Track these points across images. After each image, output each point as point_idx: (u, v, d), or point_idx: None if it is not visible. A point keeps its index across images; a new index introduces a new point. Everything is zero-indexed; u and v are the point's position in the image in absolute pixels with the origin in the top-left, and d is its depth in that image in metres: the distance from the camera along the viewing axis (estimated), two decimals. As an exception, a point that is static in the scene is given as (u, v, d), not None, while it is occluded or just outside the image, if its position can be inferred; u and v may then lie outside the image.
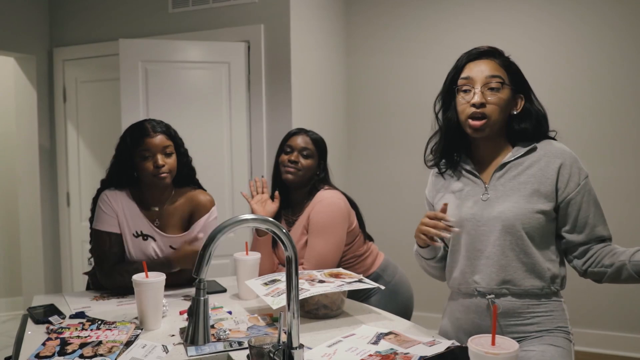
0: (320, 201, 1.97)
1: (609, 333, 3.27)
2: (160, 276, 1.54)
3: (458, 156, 1.50)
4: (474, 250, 1.42)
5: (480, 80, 1.40)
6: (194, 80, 3.12)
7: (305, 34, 3.28)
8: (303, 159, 2.00)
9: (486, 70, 1.41)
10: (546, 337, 1.38)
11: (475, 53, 1.45)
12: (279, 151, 2.07)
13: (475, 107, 1.39)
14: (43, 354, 1.31)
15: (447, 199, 1.49)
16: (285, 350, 1.10)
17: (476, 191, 1.44)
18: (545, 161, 1.40)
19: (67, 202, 3.78)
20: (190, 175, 2.00)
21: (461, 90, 1.44)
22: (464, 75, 1.44)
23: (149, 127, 1.85)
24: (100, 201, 1.88)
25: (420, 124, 3.64)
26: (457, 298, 1.51)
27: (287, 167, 2.00)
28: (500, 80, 1.40)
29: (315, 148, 2.04)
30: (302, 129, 2.08)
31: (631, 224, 3.18)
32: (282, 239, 1.08)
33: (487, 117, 1.39)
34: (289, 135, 2.08)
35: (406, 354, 1.27)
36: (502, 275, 1.39)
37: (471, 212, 1.42)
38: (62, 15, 3.72)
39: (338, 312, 1.61)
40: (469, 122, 1.41)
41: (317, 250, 1.91)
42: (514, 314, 1.39)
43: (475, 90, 1.40)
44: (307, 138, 2.04)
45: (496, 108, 1.39)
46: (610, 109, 3.23)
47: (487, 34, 3.40)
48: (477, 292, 1.42)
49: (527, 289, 1.39)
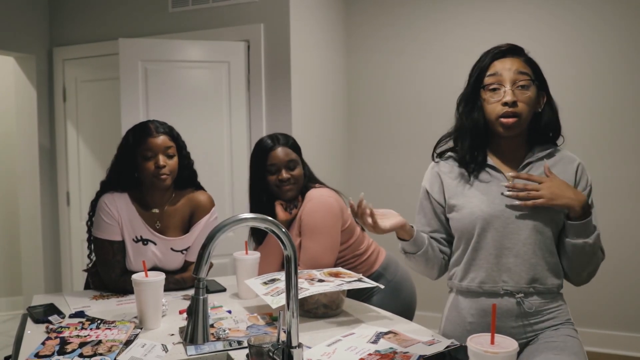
0: (310, 200, 1.93)
1: (608, 332, 3.27)
2: (159, 275, 1.54)
3: (480, 153, 1.49)
4: (503, 249, 1.41)
5: (510, 78, 1.40)
6: (193, 79, 3.12)
7: (305, 34, 3.28)
8: (292, 171, 1.95)
9: (514, 68, 1.40)
10: (561, 329, 1.42)
11: (500, 51, 1.45)
12: (260, 169, 1.96)
13: (507, 105, 1.39)
14: (42, 353, 1.31)
15: (470, 194, 1.47)
16: (284, 350, 1.10)
17: (500, 187, 1.44)
18: (562, 165, 1.44)
19: (67, 201, 3.78)
20: (192, 178, 1.99)
21: (489, 89, 1.43)
22: (490, 73, 1.43)
23: (152, 127, 1.85)
24: (100, 209, 1.86)
25: (421, 123, 3.65)
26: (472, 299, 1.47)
27: (282, 187, 1.94)
28: (529, 77, 1.40)
29: (296, 153, 1.99)
30: (275, 139, 1.98)
31: (631, 224, 3.18)
32: (282, 238, 1.08)
33: (519, 115, 1.39)
34: (265, 151, 1.96)
35: (405, 353, 1.27)
36: (532, 274, 1.40)
37: (499, 208, 1.41)
38: (62, 14, 3.72)
39: (338, 312, 1.61)
40: (500, 121, 1.40)
41: (311, 252, 1.88)
42: (537, 312, 1.42)
43: (506, 89, 1.39)
44: (286, 148, 1.96)
45: (526, 106, 1.40)
46: (611, 109, 3.23)
47: (487, 34, 3.41)
48: (503, 291, 1.42)
49: (550, 287, 1.42)
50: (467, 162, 1.49)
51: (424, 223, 1.60)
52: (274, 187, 1.96)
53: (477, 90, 1.46)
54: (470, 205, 1.45)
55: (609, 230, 2.90)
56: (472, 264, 1.47)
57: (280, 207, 1.97)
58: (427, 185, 1.59)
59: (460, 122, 1.51)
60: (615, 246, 3.12)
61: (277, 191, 1.96)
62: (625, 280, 3.19)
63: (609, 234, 2.75)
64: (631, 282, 3.19)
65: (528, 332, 1.42)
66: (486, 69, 1.44)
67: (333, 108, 3.72)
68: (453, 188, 1.51)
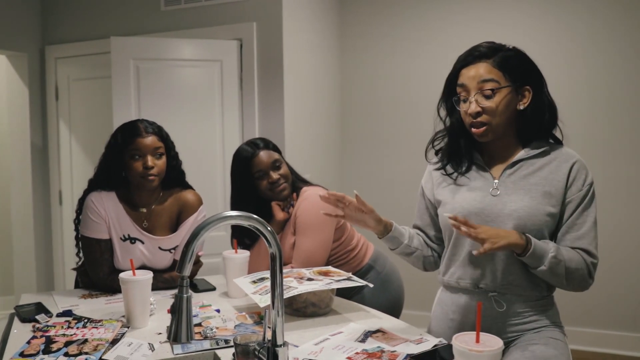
0: (305, 199, 1.95)
1: (603, 332, 3.27)
2: (147, 274, 1.53)
3: (467, 151, 1.49)
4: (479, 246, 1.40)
5: (474, 87, 1.38)
6: (186, 78, 3.11)
7: (298, 32, 3.27)
8: (280, 171, 1.95)
9: (477, 76, 1.38)
10: (544, 331, 1.39)
11: (467, 59, 1.42)
12: (245, 179, 1.95)
13: (472, 117, 1.39)
14: (27, 352, 1.30)
15: (455, 191, 1.47)
16: (269, 348, 1.10)
17: (486, 185, 1.43)
18: (556, 164, 1.40)
19: (59, 200, 3.76)
20: (180, 178, 1.98)
21: (460, 99, 1.43)
22: (459, 83, 1.42)
23: (141, 127, 1.84)
24: (87, 208, 1.85)
25: (414, 122, 3.64)
26: (452, 294, 1.48)
27: (275, 188, 1.93)
28: (494, 85, 1.37)
29: (279, 153, 2.01)
30: (254, 145, 1.96)
31: (631, 224, 3.19)
32: (266, 236, 1.08)
33: (487, 123, 1.38)
34: (247, 159, 1.94)
35: (393, 352, 1.27)
36: (508, 273, 1.38)
37: (480, 206, 1.41)
38: (54, 13, 3.70)
39: (326, 310, 1.60)
40: (472, 131, 1.41)
41: (304, 249, 1.90)
42: (515, 312, 1.40)
43: (471, 99, 1.39)
44: (268, 151, 1.96)
45: (492, 114, 1.37)
46: (610, 109, 3.23)
47: (481, 33, 3.39)
48: (477, 289, 1.41)
49: (529, 288, 1.39)
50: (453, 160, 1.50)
51: (418, 218, 1.64)
52: (267, 191, 1.95)
53: (452, 96, 1.46)
54: (452, 202, 1.46)
55: (605, 231, 2.90)
56: (452, 260, 1.48)
57: (278, 207, 1.98)
58: (423, 182, 1.62)
59: (443, 126, 1.53)
60: (612, 246, 3.13)
61: (270, 195, 1.96)
62: (621, 280, 3.19)
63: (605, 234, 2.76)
64: (627, 282, 3.19)
65: (508, 332, 1.39)
66: (455, 79, 1.44)
67: (326, 107, 3.71)
68: (441, 185, 1.53)
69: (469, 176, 1.48)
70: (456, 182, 1.49)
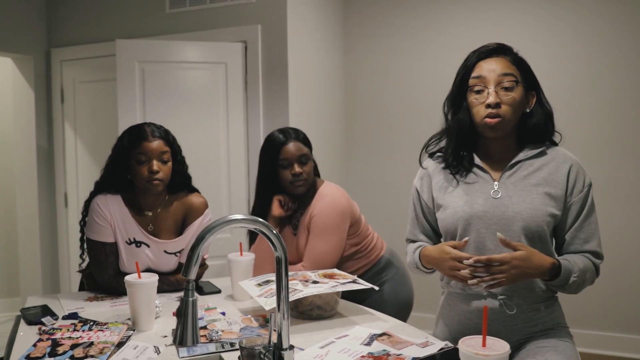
0: (322, 199, 1.94)
1: (606, 334, 3.26)
2: (152, 277, 1.53)
3: (467, 153, 1.48)
4: (484, 250, 1.39)
5: (493, 79, 1.38)
6: (191, 80, 3.12)
7: (302, 34, 3.27)
8: (304, 167, 1.94)
9: (498, 69, 1.38)
10: (552, 334, 1.40)
11: (485, 51, 1.42)
12: (272, 163, 1.95)
13: (490, 107, 1.37)
14: (33, 355, 1.30)
15: (455, 194, 1.47)
16: (275, 352, 1.10)
17: (486, 187, 1.42)
18: (554, 165, 1.40)
19: (64, 202, 3.78)
20: (185, 183, 1.98)
21: (473, 91, 1.41)
22: (475, 75, 1.41)
23: (148, 130, 1.83)
24: (92, 211, 1.85)
25: (418, 123, 3.64)
26: (459, 301, 1.47)
27: (295, 182, 1.92)
28: (513, 78, 1.38)
29: (308, 148, 2.00)
30: (287, 134, 1.97)
31: (635, 225, 3.17)
32: (272, 239, 1.07)
33: (502, 116, 1.37)
34: (278, 145, 1.94)
35: (399, 355, 1.27)
36: None
37: (482, 209, 1.40)
38: (60, 15, 3.72)
39: (332, 313, 1.60)
40: (485, 121, 1.38)
41: (317, 251, 1.90)
42: (522, 315, 1.39)
43: (489, 90, 1.37)
44: (298, 143, 1.95)
45: (510, 108, 1.37)
46: (610, 109, 3.22)
47: (486, 34, 3.39)
48: (486, 293, 1.41)
49: (535, 290, 1.39)
50: (452, 163, 1.49)
51: (418, 226, 1.61)
52: (286, 182, 1.94)
53: (462, 91, 1.45)
54: (453, 205, 1.45)
55: (609, 232, 2.89)
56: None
57: (277, 202, 1.98)
58: (418, 185, 1.60)
59: (447, 124, 1.51)
60: (615, 248, 3.11)
61: (289, 187, 1.95)
62: (623, 282, 3.17)
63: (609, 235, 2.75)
64: (628, 283, 3.18)
65: (517, 335, 1.40)
66: (471, 70, 1.43)
67: (330, 109, 3.71)
68: (440, 188, 1.52)
69: (468, 178, 1.47)
70: (455, 186, 1.48)
